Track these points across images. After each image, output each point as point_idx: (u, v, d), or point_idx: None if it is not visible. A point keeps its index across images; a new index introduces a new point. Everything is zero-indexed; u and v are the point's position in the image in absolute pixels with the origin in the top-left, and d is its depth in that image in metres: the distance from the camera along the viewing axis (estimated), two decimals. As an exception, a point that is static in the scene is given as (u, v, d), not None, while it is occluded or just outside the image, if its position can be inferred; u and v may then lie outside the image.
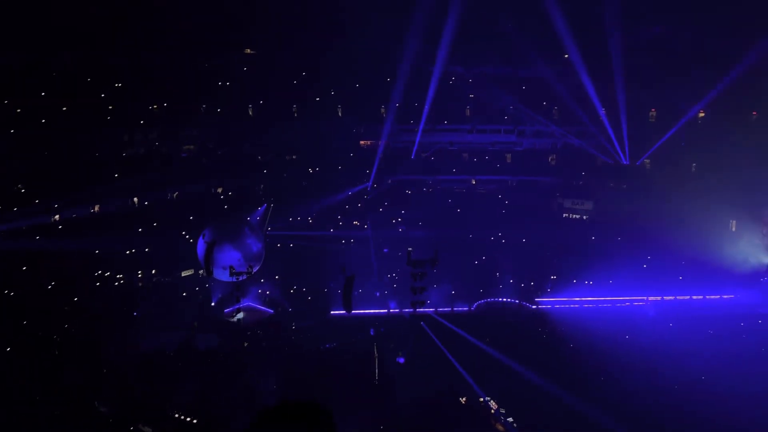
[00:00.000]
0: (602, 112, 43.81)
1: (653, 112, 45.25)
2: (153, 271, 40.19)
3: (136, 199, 40.58)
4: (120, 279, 38.96)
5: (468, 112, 47.76)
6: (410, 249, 33.75)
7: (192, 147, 44.55)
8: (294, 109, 44.97)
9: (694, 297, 41.33)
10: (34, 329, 31.72)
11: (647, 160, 45.32)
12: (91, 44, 35.04)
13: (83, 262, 36.63)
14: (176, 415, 27.42)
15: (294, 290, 40.73)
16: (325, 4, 40.14)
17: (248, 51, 44.22)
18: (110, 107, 38.63)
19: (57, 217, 36.54)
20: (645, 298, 41.21)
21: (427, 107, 44.32)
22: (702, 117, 44.09)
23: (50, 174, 36.21)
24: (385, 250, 43.79)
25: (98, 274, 37.89)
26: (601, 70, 40.97)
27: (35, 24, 33.50)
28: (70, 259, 35.64)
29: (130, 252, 39.20)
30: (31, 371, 27.55)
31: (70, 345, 31.73)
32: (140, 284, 39.60)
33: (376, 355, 33.93)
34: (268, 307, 40.18)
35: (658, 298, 41.27)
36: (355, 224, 45.85)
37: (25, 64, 32.69)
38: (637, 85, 41.58)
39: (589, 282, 41.52)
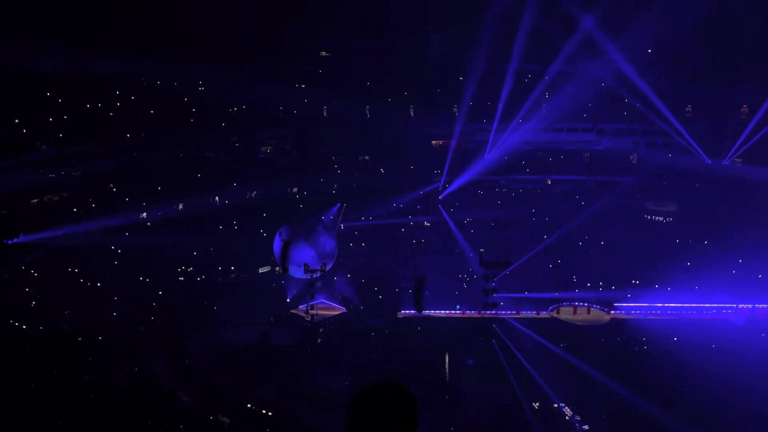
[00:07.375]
0: (688, 108, 41.58)
1: (745, 108, 42.40)
2: (232, 268, 41.80)
3: (216, 198, 42.35)
4: (201, 275, 40.78)
5: (544, 111, 46.51)
6: (482, 250, 33.39)
7: (269, 148, 45.99)
8: (366, 110, 45.41)
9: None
10: (122, 320, 33.78)
11: (738, 159, 42.60)
12: (186, 49, 37.10)
13: (167, 258, 38.70)
14: (252, 408, 28.39)
15: (365, 289, 41.13)
16: (399, 3, 40.29)
17: (324, 54, 45.10)
18: (193, 110, 40.58)
19: (144, 214, 38.76)
20: (734, 305, 38.79)
21: (500, 106, 43.56)
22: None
23: (139, 174, 38.55)
24: (457, 251, 43.47)
25: (181, 269, 39.91)
26: (684, 66, 38.89)
27: (127, 33, 35.69)
28: (155, 255, 37.72)
29: (211, 249, 40.98)
30: (118, 360, 29.35)
31: (156, 336, 33.58)
32: (220, 279, 41.27)
33: (447, 356, 33.78)
34: (340, 305, 40.79)
35: (749, 305, 38.75)
36: (427, 225, 45.78)
37: (113, 72, 34.88)
38: (726, 80, 39.13)
39: (668, 288, 39.58)
